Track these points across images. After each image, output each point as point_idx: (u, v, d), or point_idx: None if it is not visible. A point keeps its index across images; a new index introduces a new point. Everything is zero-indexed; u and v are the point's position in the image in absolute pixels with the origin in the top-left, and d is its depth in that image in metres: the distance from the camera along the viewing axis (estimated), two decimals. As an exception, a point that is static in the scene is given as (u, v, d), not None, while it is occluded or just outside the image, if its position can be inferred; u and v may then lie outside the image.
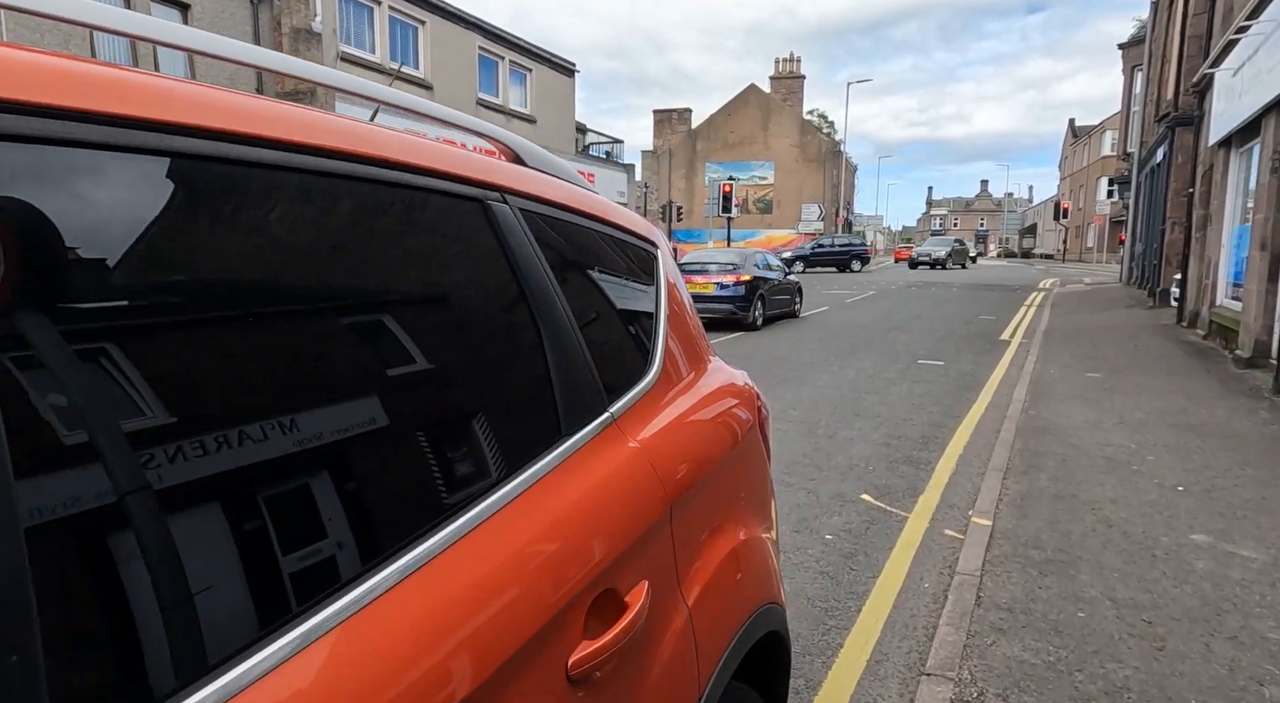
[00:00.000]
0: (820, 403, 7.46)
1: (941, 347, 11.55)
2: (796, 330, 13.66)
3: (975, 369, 9.60)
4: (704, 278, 13.48)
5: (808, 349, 11.18)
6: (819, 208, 44.75)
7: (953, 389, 8.26)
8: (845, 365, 9.74)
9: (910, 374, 9.15)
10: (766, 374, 8.97)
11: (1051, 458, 5.26)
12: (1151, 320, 14.03)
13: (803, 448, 5.80)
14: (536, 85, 21.31)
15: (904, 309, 17.79)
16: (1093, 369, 8.95)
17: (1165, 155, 17.29)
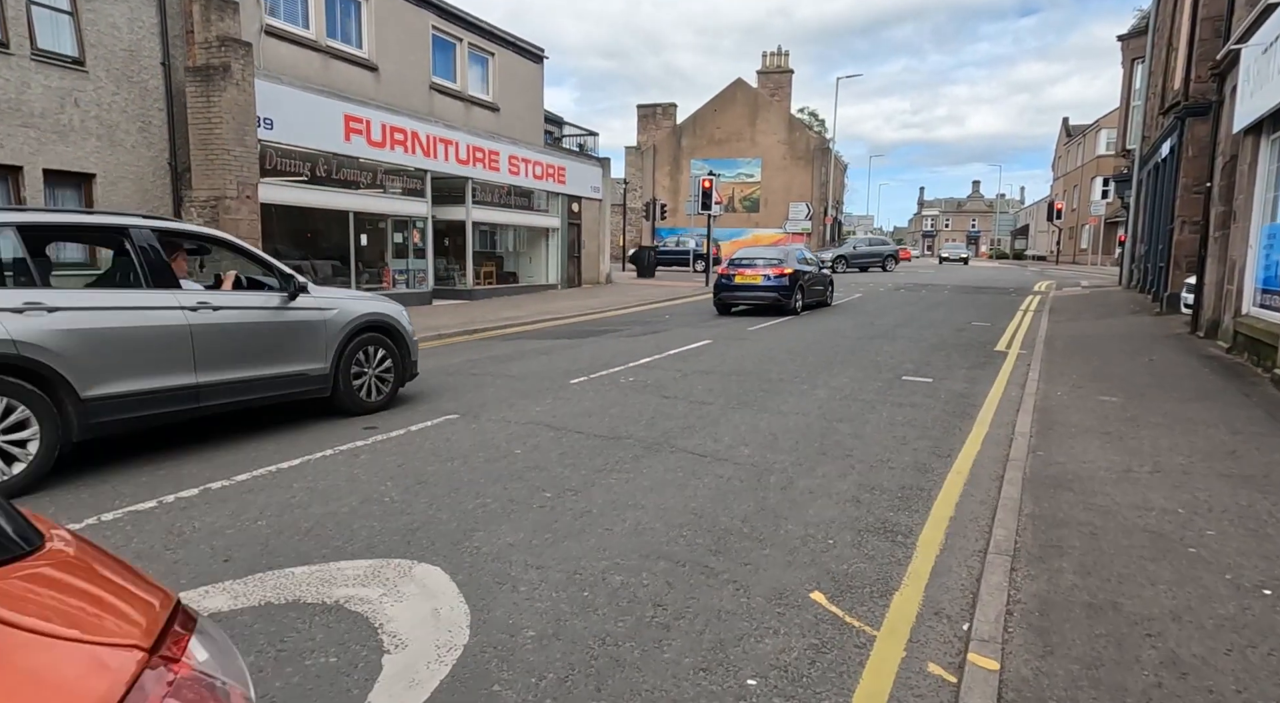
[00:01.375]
0: (780, 435, 6.05)
1: (930, 359, 10.17)
2: (797, 326, 12.26)
3: (969, 388, 8.21)
4: (753, 271, 16.14)
5: (773, 362, 9.77)
6: (807, 207, 43.40)
7: (942, 415, 6.87)
8: (817, 382, 8.34)
9: (893, 395, 7.76)
10: (721, 395, 7.57)
11: (1075, 531, 3.86)
12: (1162, 329, 12.70)
13: (744, 508, 4.39)
14: (500, 71, 19.84)
15: (891, 314, 16.42)
16: (1107, 390, 7.57)
17: (1173, 149, 15.97)
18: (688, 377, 8.63)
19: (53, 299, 4.65)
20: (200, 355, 5.34)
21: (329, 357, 6.34)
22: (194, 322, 5.32)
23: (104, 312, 4.89)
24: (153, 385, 5.06)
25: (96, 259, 10.45)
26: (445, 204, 18.80)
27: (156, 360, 5.09)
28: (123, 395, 4.90)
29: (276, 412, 6.57)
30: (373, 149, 15.18)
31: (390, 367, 6.93)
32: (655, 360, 9.79)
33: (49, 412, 4.52)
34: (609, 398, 7.43)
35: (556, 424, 6.30)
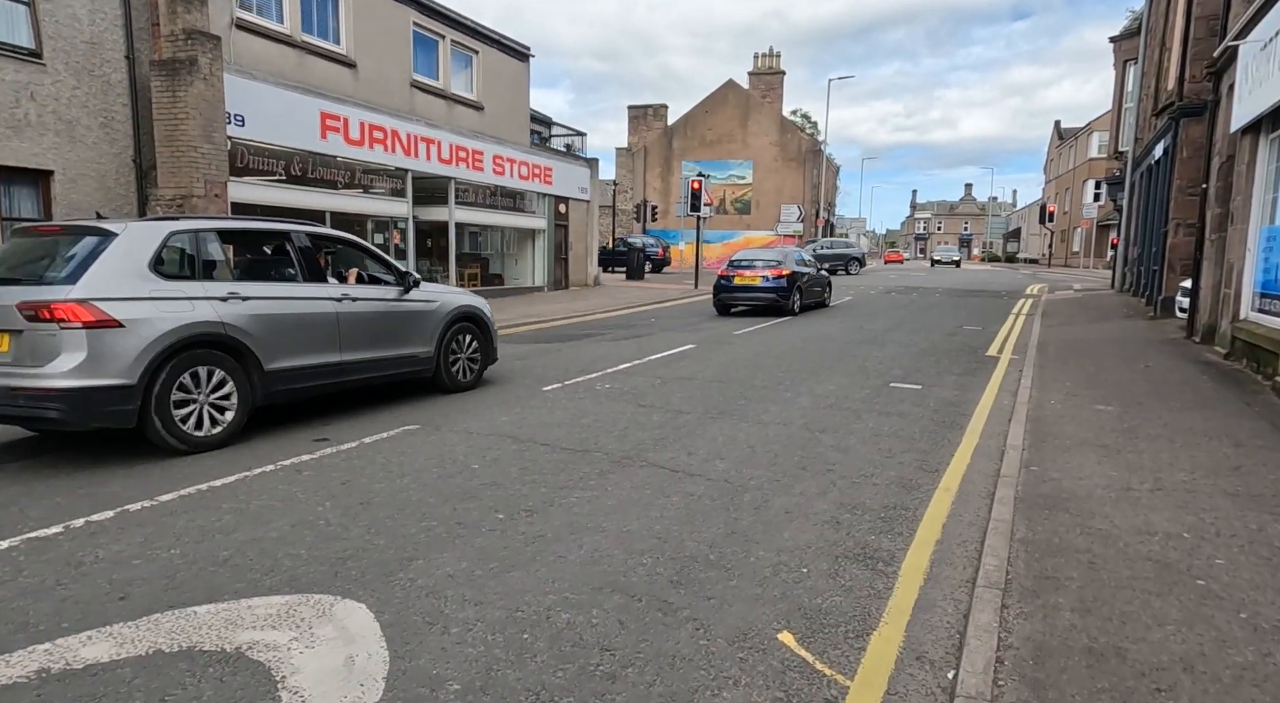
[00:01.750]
0: (758, 448, 5.70)
1: (920, 365, 9.84)
2: (784, 331, 11.90)
3: (959, 396, 7.89)
4: (752, 272, 16.39)
5: (757, 368, 9.43)
6: (798, 209, 43.13)
7: (931, 426, 6.53)
8: (802, 389, 8.00)
9: (880, 404, 7.42)
10: (718, 395, 7.21)
11: (1073, 561, 3.52)
12: (1156, 333, 12.42)
13: (713, 531, 4.03)
14: (484, 69, 19.46)
15: (881, 318, 16.11)
16: (1103, 399, 7.25)
17: (1167, 150, 15.73)
18: (667, 384, 8.27)
19: (245, 290, 5.86)
20: (343, 338, 6.51)
21: (434, 342, 7.49)
22: (340, 310, 6.49)
23: (279, 301, 6.09)
24: (312, 361, 6.24)
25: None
26: (428, 205, 18.41)
27: (314, 341, 6.27)
28: (292, 369, 6.06)
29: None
30: (351, 148, 14.79)
31: (478, 350, 8.08)
32: (635, 366, 9.44)
33: (243, 380, 5.70)
34: (582, 407, 7.06)
35: (522, 436, 5.94)
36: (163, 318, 5.23)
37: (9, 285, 5.18)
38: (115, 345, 4.98)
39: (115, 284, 5.11)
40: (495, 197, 20.22)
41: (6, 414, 5.03)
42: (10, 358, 4.96)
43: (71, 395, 4.84)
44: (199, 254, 5.80)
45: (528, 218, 21.65)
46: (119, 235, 5.31)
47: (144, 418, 5.15)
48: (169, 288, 5.38)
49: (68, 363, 4.85)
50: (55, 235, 5.72)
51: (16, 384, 4.88)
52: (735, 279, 17.05)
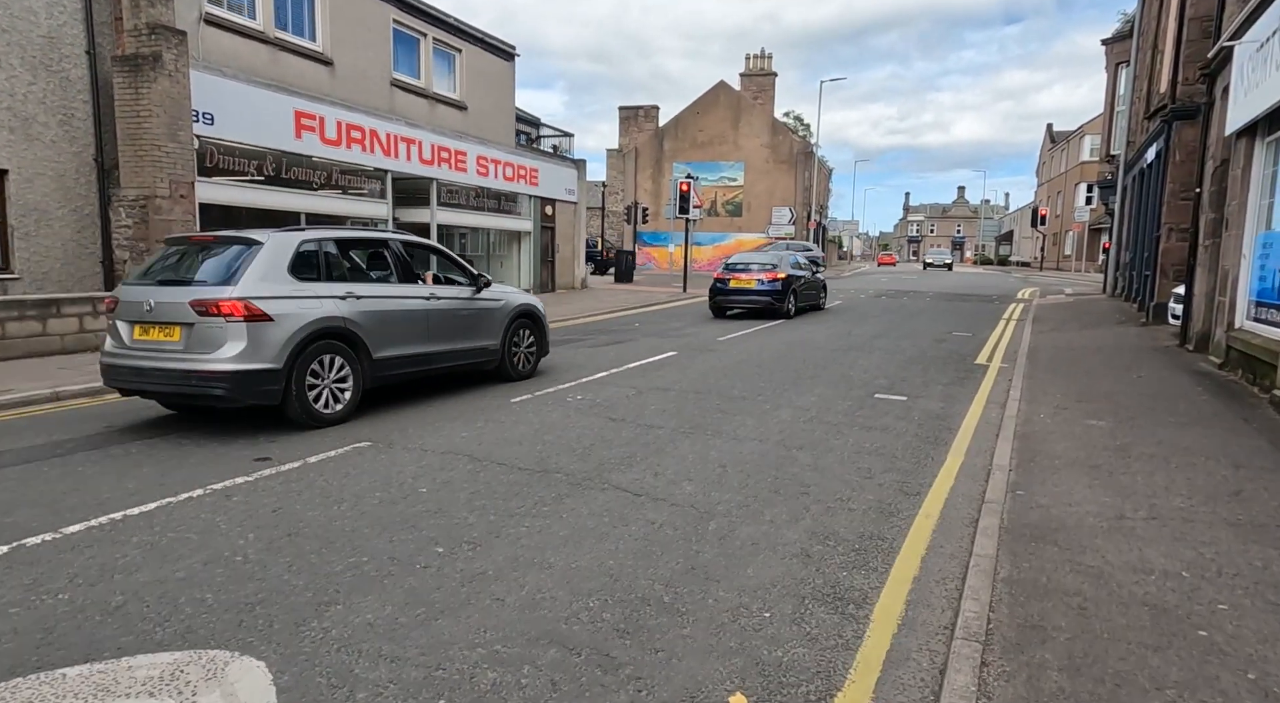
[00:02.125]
0: (730, 467, 5.36)
1: (906, 374, 9.53)
2: (768, 337, 11.57)
3: (945, 408, 7.57)
4: (747, 275, 16.65)
5: (738, 377, 9.10)
6: (790, 211, 42.87)
7: (914, 442, 6.21)
8: (782, 401, 7.67)
9: (862, 417, 7.10)
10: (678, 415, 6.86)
11: (1061, 605, 3.19)
12: (1148, 340, 12.14)
13: (671, 566, 3.69)
14: (467, 69, 19.10)
15: (869, 323, 15.81)
16: (1094, 413, 6.94)
17: (1160, 154, 15.48)
18: (643, 395, 7.93)
19: (358, 290, 6.83)
20: (431, 331, 7.48)
21: (500, 335, 8.43)
22: (429, 307, 7.49)
23: (383, 299, 7.05)
24: (409, 351, 7.22)
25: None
26: (410, 206, 18.05)
27: (410, 334, 7.25)
28: (393, 357, 7.03)
29: (170, 437, 5.81)
30: (327, 147, 14.41)
31: (534, 344, 9.03)
32: (612, 375, 9.09)
33: (357, 366, 6.66)
34: (548, 420, 6.72)
35: (480, 454, 5.58)
36: (300, 313, 6.23)
37: (175, 286, 6.18)
38: (267, 336, 5.98)
39: (264, 285, 6.09)
40: (480, 198, 19.87)
41: (179, 392, 6.10)
42: (182, 346, 5.95)
43: (235, 377, 5.84)
44: (322, 259, 6.75)
45: (513, 219, 21.30)
46: (264, 244, 6.27)
47: (285, 397, 6.13)
48: (303, 288, 6.38)
49: (231, 350, 5.85)
50: (209, 244, 6.63)
51: (189, 367, 5.88)
52: (731, 282, 17.04)
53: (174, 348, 5.98)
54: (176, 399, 6.48)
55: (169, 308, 6.02)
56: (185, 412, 6.88)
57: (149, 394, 6.43)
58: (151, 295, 6.12)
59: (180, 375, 5.93)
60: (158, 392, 6.30)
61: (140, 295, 6.18)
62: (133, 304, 6.18)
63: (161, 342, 6.05)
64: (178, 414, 6.87)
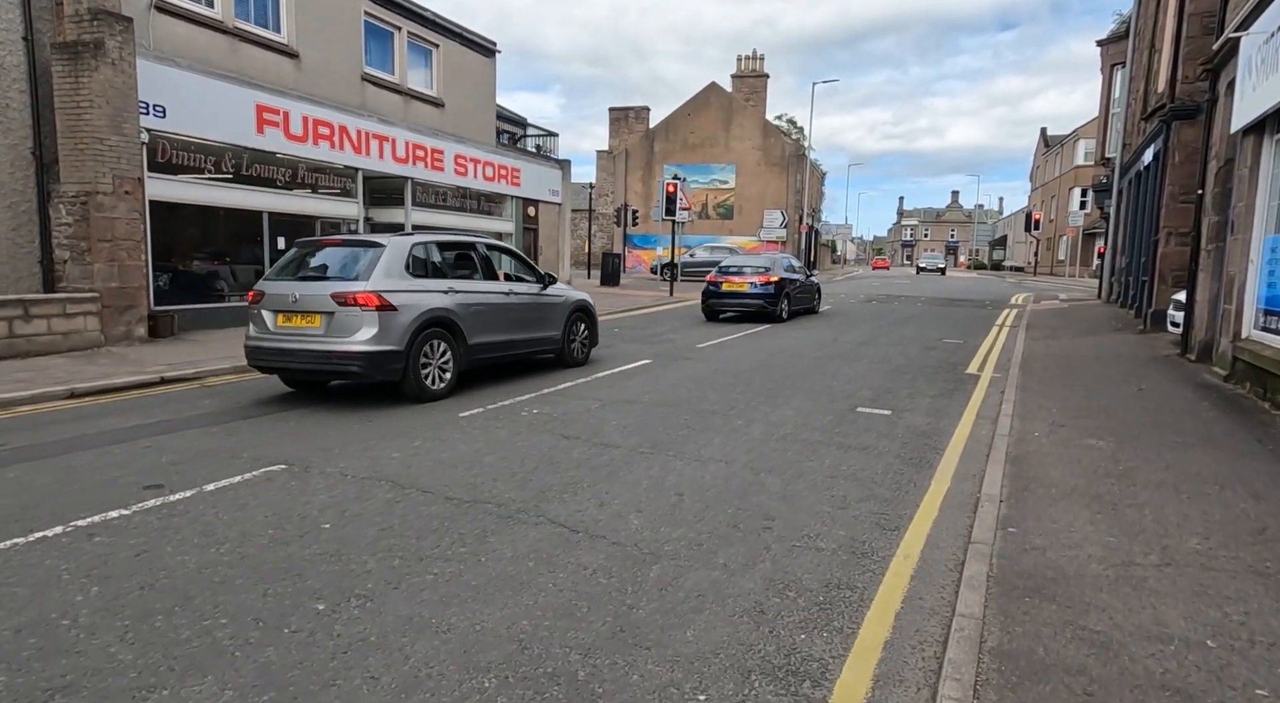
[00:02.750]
0: (688, 496, 4.76)
1: (892, 385, 8.94)
2: (749, 344, 10.96)
3: (933, 424, 6.98)
4: (740, 278, 16.46)
5: (711, 388, 8.49)
6: (782, 214, 42.36)
7: (896, 465, 5.61)
8: (756, 416, 7.06)
9: (841, 434, 6.50)
10: (639, 433, 6.24)
11: (1062, 690, 2.59)
12: (1147, 350, 11.59)
13: (596, 629, 3.08)
14: (445, 64, 18.49)
15: (858, 329, 15.24)
16: (1094, 431, 6.36)
17: (1158, 155, 14.97)
18: (605, 408, 7.32)
19: (456, 286, 7.88)
20: (510, 322, 8.59)
21: (561, 327, 9.57)
22: (508, 301, 8.60)
23: (475, 293, 8.10)
24: (494, 339, 8.30)
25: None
26: (383, 206, 17.42)
27: (494, 324, 8.32)
28: (482, 343, 8.10)
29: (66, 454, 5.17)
30: (292, 143, 13.77)
31: (588, 335, 10.23)
32: (575, 386, 8.48)
33: (456, 350, 7.72)
34: (495, 438, 6.10)
35: (405, 479, 4.96)
36: (417, 304, 7.34)
37: (317, 281, 7.38)
38: (393, 323, 7.09)
39: (389, 281, 7.22)
40: (458, 198, 19.25)
41: (319, 369, 7.28)
42: (322, 331, 7.07)
43: (368, 356, 6.98)
44: (429, 259, 7.90)
45: (493, 221, 20.66)
46: (386, 246, 7.42)
47: (404, 374, 7.23)
48: (417, 283, 7.51)
49: (366, 335, 6.97)
50: (339, 246, 7.95)
51: (330, 348, 7.00)
52: (723, 285, 16.68)
53: (315, 333, 7.15)
54: (315, 376, 7.69)
55: (312, 299, 7.20)
56: (102, 421, 6.24)
57: (289, 371, 7.69)
58: (296, 289, 7.34)
59: (322, 355, 7.09)
60: (299, 369, 7.48)
61: (285, 289, 7.38)
62: (279, 296, 7.35)
63: (304, 327, 7.22)
64: (81, 436, 6.23)
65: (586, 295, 10.35)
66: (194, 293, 12.75)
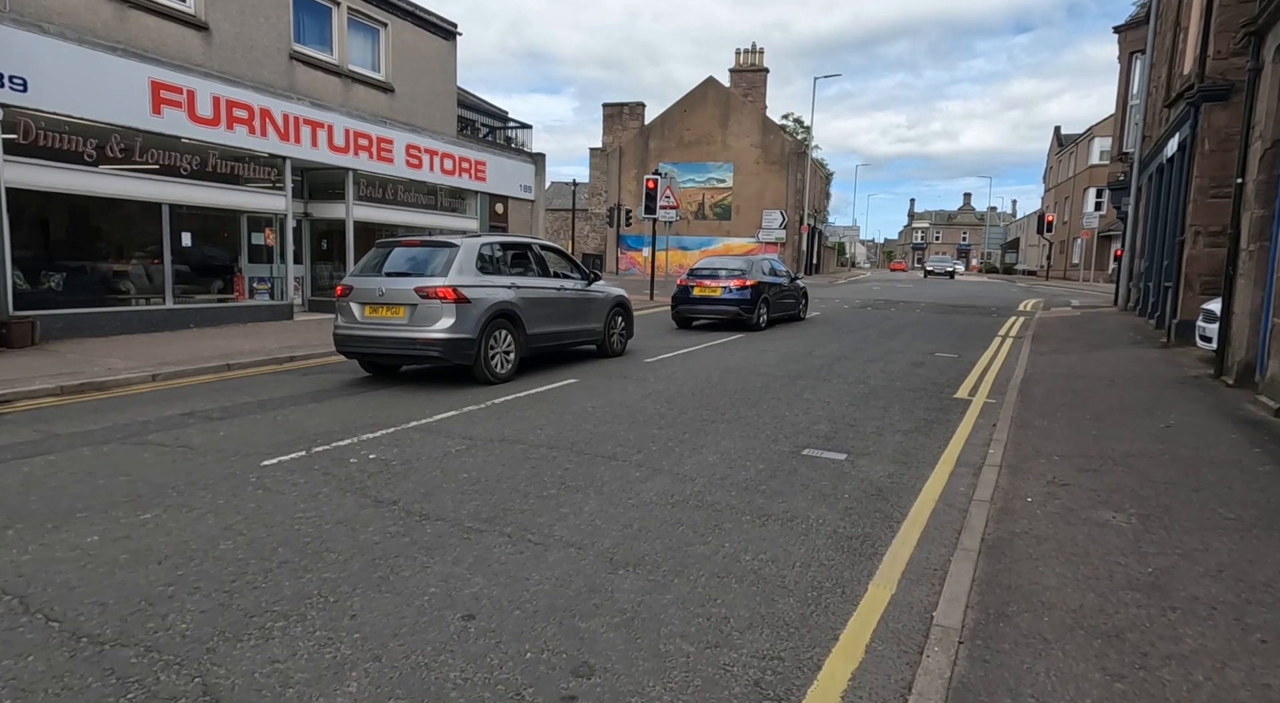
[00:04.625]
0: (480, 617, 3.09)
1: (860, 415, 7.23)
2: (703, 358, 9.27)
3: (895, 476, 5.28)
4: (713, 282, 14.92)
5: (630, 420, 6.80)
6: (781, 215, 40.59)
7: (825, 550, 3.92)
8: (664, 464, 5.37)
9: (768, 493, 4.81)
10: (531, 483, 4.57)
11: None
12: (1173, 368, 9.82)
13: None
14: (396, 46, 16.88)
15: (840, 340, 13.49)
16: (1107, 495, 4.64)
17: (1183, 145, 13.16)
18: (470, 451, 5.66)
19: (518, 282, 8.92)
20: (561, 314, 9.61)
21: (603, 321, 10.45)
22: (560, 296, 9.61)
23: (533, 288, 9.13)
24: (549, 329, 9.37)
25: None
26: (324, 200, 15.88)
27: (549, 316, 9.38)
28: (539, 333, 9.16)
29: None
30: (200, 127, 12.21)
31: (625, 328, 11.03)
32: (452, 418, 6.82)
33: (517, 339, 8.76)
34: (274, 505, 4.43)
35: (34, 597, 3.31)
36: (486, 298, 8.25)
37: (400, 277, 8.24)
38: (468, 314, 8.04)
39: (463, 277, 8.14)
40: (411, 193, 17.66)
41: (404, 354, 8.20)
42: (407, 321, 8.04)
43: (448, 343, 7.95)
44: (494, 257, 8.78)
45: (454, 218, 19.06)
46: (460, 247, 8.32)
47: (476, 359, 8.15)
48: (486, 279, 8.39)
49: (445, 324, 7.96)
50: (416, 246, 8.68)
51: (414, 336, 7.99)
52: (694, 290, 15.06)
53: (400, 322, 8.08)
54: (398, 360, 8.53)
55: (397, 293, 8.10)
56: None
57: (374, 356, 8.57)
58: (382, 284, 8.24)
59: (406, 342, 8.04)
60: (385, 354, 8.38)
61: (373, 284, 8.29)
62: (366, 290, 8.27)
63: (389, 318, 8.15)
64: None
65: (624, 292, 11.18)
66: (72, 296, 11.18)
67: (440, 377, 8.94)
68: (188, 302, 12.98)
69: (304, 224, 15.97)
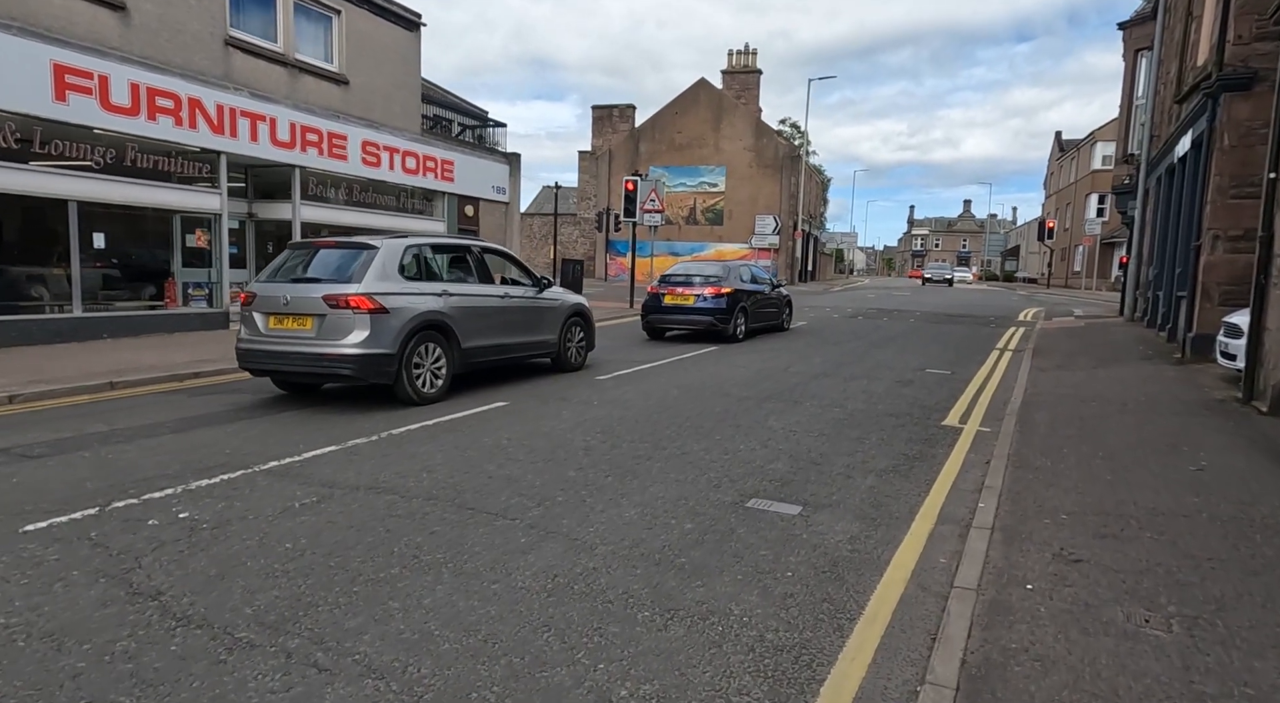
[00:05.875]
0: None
1: (828, 451, 6.04)
2: (662, 377, 8.09)
3: (860, 541, 4.09)
4: (686, 290, 13.74)
5: (546, 458, 5.61)
6: (775, 220, 39.46)
7: (756, 656, 2.74)
8: (563, 523, 4.18)
9: (698, 560, 3.64)
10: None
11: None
12: (1192, 389, 8.63)
13: None
14: (351, 35, 15.74)
15: (822, 353, 12.30)
16: (1135, 585, 3.45)
17: (1199, 141, 12.00)
18: (321, 504, 4.46)
19: (450, 289, 7.95)
20: (505, 325, 8.67)
21: (557, 331, 9.57)
22: (504, 304, 8.67)
23: (469, 297, 8.17)
24: (489, 342, 8.37)
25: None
26: (272, 200, 14.72)
27: (490, 327, 8.39)
28: (477, 347, 8.15)
29: None
30: (115, 117, 11.07)
31: (584, 340, 10.15)
32: (332, 453, 5.63)
33: (450, 354, 7.75)
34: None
35: None
36: (410, 307, 7.33)
37: (308, 283, 7.32)
38: (385, 326, 7.09)
39: (382, 283, 7.21)
40: (369, 193, 16.51)
41: (311, 372, 7.26)
42: (314, 334, 7.08)
43: (361, 359, 6.99)
44: (422, 262, 7.93)
45: (418, 220, 17.90)
46: (379, 249, 7.39)
47: (397, 377, 7.21)
48: (410, 286, 7.52)
49: (357, 337, 6.99)
50: (331, 248, 7.81)
51: (322, 351, 7.02)
52: (666, 298, 13.89)
53: (307, 336, 7.08)
54: (305, 379, 7.55)
55: (303, 302, 7.10)
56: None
57: (280, 374, 7.58)
58: (287, 291, 7.21)
59: (313, 358, 7.05)
60: (290, 371, 7.39)
61: (277, 291, 7.25)
62: (270, 298, 7.25)
63: (296, 330, 7.14)
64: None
65: (583, 300, 10.30)
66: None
67: (363, 396, 7.78)
68: (106, 309, 11.83)
69: (248, 226, 14.79)
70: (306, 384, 7.95)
